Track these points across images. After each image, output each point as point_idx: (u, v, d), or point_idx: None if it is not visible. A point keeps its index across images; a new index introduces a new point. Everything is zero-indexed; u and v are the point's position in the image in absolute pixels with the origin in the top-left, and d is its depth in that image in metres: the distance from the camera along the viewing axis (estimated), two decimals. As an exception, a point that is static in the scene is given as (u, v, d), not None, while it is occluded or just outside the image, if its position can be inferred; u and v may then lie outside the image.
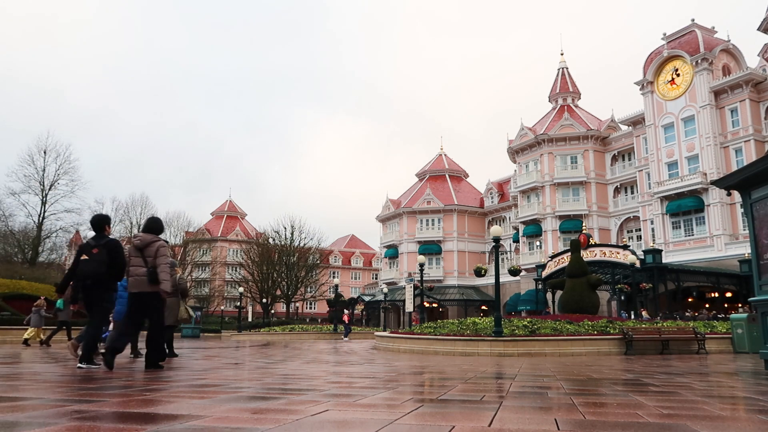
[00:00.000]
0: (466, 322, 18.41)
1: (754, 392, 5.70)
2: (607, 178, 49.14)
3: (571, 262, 26.72)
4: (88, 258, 7.16)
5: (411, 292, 34.36)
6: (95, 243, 7.32)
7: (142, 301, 7.23)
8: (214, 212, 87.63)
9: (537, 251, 49.94)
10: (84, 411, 3.46)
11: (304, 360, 11.16)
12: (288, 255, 60.70)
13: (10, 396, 4.18)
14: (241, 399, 4.27)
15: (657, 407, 4.16)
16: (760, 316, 9.09)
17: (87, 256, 7.17)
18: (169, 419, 3.21)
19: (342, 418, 3.43)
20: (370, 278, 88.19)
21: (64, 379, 5.83)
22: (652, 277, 31.17)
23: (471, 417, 3.54)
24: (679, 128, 40.61)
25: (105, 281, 7.20)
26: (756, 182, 8.77)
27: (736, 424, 3.45)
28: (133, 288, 7.24)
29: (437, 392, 5.19)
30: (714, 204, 37.46)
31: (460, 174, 67.72)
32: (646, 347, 16.57)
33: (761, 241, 8.74)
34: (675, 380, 6.98)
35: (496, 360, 12.51)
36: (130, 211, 63.39)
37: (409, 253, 60.01)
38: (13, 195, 44.35)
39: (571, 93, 54.92)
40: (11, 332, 18.46)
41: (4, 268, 38.19)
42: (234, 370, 7.81)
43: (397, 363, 10.67)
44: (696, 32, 41.45)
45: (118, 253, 7.31)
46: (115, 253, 7.27)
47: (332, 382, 6.01)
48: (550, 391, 5.43)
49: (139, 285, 7.19)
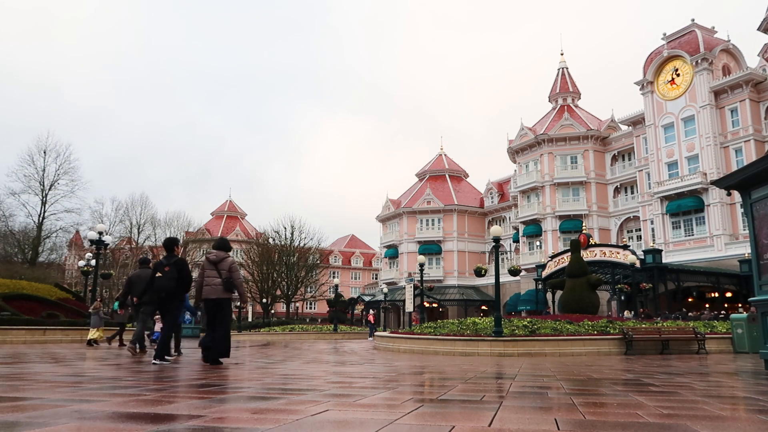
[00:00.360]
0: (466, 322, 18.41)
1: (754, 392, 5.70)
2: (607, 178, 49.15)
3: (571, 262, 26.73)
4: (161, 275, 8.61)
5: (411, 292, 34.40)
6: (167, 262, 8.76)
7: (218, 305, 8.47)
8: (214, 212, 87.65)
9: (537, 251, 49.95)
10: (84, 411, 3.47)
11: (304, 360, 11.15)
12: (288, 255, 60.68)
13: (11, 395, 4.18)
14: (241, 399, 4.27)
15: (657, 407, 4.16)
16: (760, 316, 9.09)
17: (161, 273, 8.62)
18: (169, 419, 3.21)
19: (342, 418, 3.43)
20: (370, 278, 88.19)
21: (65, 379, 5.82)
22: (652, 277, 31.17)
23: (471, 417, 3.54)
24: (679, 128, 40.62)
25: (175, 293, 8.66)
26: (756, 182, 8.77)
27: (736, 424, 3.45)
28: (209, 295, 8.43)
29: (437, 392, 5.19)
30: (714, 204, 37.47)
31: (460, 174, 67.75)
32: (646, 347, 16.57)
33: (761, 241, 8.74)
34: (675, 380, 6.98)
35: (496, 360, 12.51)
36: (129, 211, 63.40)
37: (409, 253, 60.02)
38: (13, 195, 44.45)
39: (571, 93, 54.93)
40: (11, 332, 18.44)
41: (4, 268, 38.23)
42: (234, 370, 7.81)
43: (397, 363, 10.67)
44: (696, 32, 41.45)
45: (185, 269, 8.78)
46: (183, 270, 8.72)
47: (332, 382, 6.01)
48: (550, 391, 5.43)
49: (215, 292, 8.41)
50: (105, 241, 22.53)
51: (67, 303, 22.98)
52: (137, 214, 63.84)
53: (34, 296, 21.68)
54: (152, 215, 65.78)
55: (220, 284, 8.42)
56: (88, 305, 23.33)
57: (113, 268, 53.82)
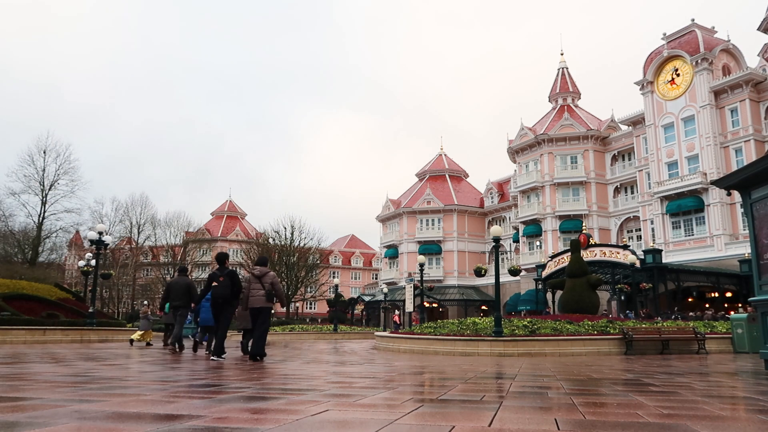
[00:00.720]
0: (466, 322, 18.40)
1: (754, 392, 5.70)
2: (607, 178, 49.15)
3: (571, 262, 26.72)
4: (217, 284, 10.03)
5: (411, 292, 34.39)
6: (221, 273, 10.20)
7: (261, 313, 9.96)
8: (214, 212, 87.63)
9: (537, 251, 49.94)
10: (84, 411, 3.47)
11: (303, 360, 11.16)
12: (288, 255, 60.65)
13: (11, 395, 4.18)
14: (241, 399, 4.27)
15: (657, 407, 4.16)
16: (760, 316, 9.09)
17: (216, 283, 10.05)
18: (169, 419, 3.21)
19: (342, 418, 3.43)
20: (370, 278, 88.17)
21: (65, 379, 5.82)
22: (652, 277, 31.16)
23: (471, 417, 3.54)
24: (679, 128, 40.61)
25: (229, 300, 10.10)
26: (756, 182, 8.77)
27: (736, 424, 3.45)
28: (254, 304, 9.92)
29: (437, 392, 5.19)
30: (714, 204, 37.46)
31: (460, 174, 67.76)
32: (646, 347, 16.57)
33: (761, 241, 8.74)
34: (675, 380, 6.98)
35: (496, 360, 12.51)
36: (129, 211, 63.48)
37: (409, 253, 60.02)
38: (13, 195, 44.46)
39: (571, 93, 54.93)
40: (11, 332, 18.44)
41: (4, 268, 38.22)
42: (234, 370, 7.81)
43: (397, 363, 10.67)
44: (696, 32, 41.45)
45: (237, 279, 10.26)
46: (235, 280, 10.21)
47: (332, 382, 6.01)
48: (550, 391, 5.43)
49: (258, 302, 9.92)
50: (105, 241, 22.51)
51: (67, 303, 22.95)
52: (137, 214, 63.95)
53: (34, 296, 21.65)
54: (152, 215, 65.94)
55: (263, 295, 9.90)
56: (88, 305, 23.32)
57: (113, 268, 53.83)
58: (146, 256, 69.01)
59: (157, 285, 64.35)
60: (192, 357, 11.11)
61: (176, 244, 66.46)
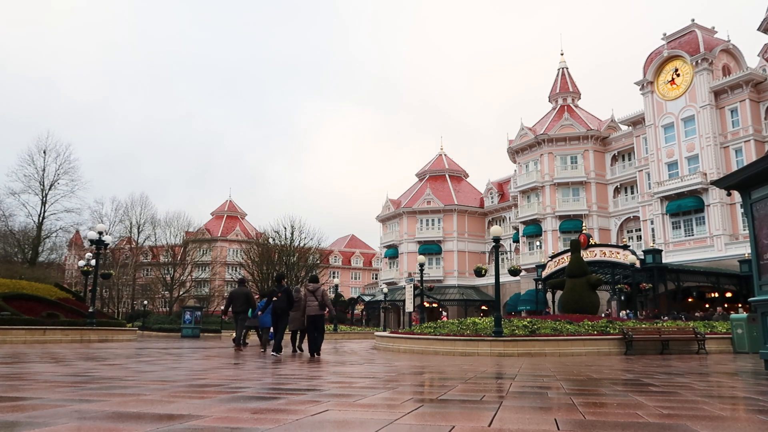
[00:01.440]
0: (466, 322, 18.40)
1: (754, 392, 5.70)
2: (607, 178, 49.14)
3: (571, 262, 26.73)
4: (277, 299, 12.77)
5: (411, 292, 34.39)
6: (279, 290, 12.94)
7: (316, 319, 12.69)
8: (214, 212, 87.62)
9: (537, 251, 49.93)
10: (84, 411, 3.47)
11: (303, 360, 11.16)
12: (288, 255, 60.65)
13: (11, 395, 4.18)
14: (241, 399, 4.27)
15: (657, 407, 4.16)
16: (760, 316, 9.09)
17: (276, 298, 12.80)
18: (170, 419, 3.21)
19: (342, 418, 3.43)
20: (370, 278, 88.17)
21: (65, 379, 5.82)
22: (652, 277, 31.16)
23: (471, 417, 3.54)
24: (679, 128, 40.60)
25: (286, 311, 12.92)
26: (756, 182, 8.78)
27: (736, 424, 3.45)
28: (311, 313, 12.63)
29: (437, 392, 5.19)
30: (714, 204, 37.45)
31: (460, 174, 67.77)
32: (646, 347, 16.57)
33: (761, 241, 8.74)
34: (675, 380, 6.98)
35: (496, 360, 12.51)
36: (129, 211, 63.46)
37: (409, 253, 60.01)
38: (13, 195, 44.42)
39: (571, 93, 54.92)
40: (11, 332, 18.44)
41: (4, 268, 38.20)
42: (234, 370, 7.82)
43: (397, 363, 10.67)
44: (696, 32, 41.44)
45: (291, 295, 13.07)
46: (290, 295, 12.99)
47: (332, 382, 6.01)
48: (550, 391, 5.43)
49: (314, 311, 12.62)
50: (105, 241, 22.52)
51: (67, 303, 22.94)
52: (137, 214, 63.92)
53: (34, 296, 21.65)
54: (152, 215, 65.91)
55: (317, 305, 12.60)
56: (88, 305, 23.32)
57: (113, 268, 53.82)
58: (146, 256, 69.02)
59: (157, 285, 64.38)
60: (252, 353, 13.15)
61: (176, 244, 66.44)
